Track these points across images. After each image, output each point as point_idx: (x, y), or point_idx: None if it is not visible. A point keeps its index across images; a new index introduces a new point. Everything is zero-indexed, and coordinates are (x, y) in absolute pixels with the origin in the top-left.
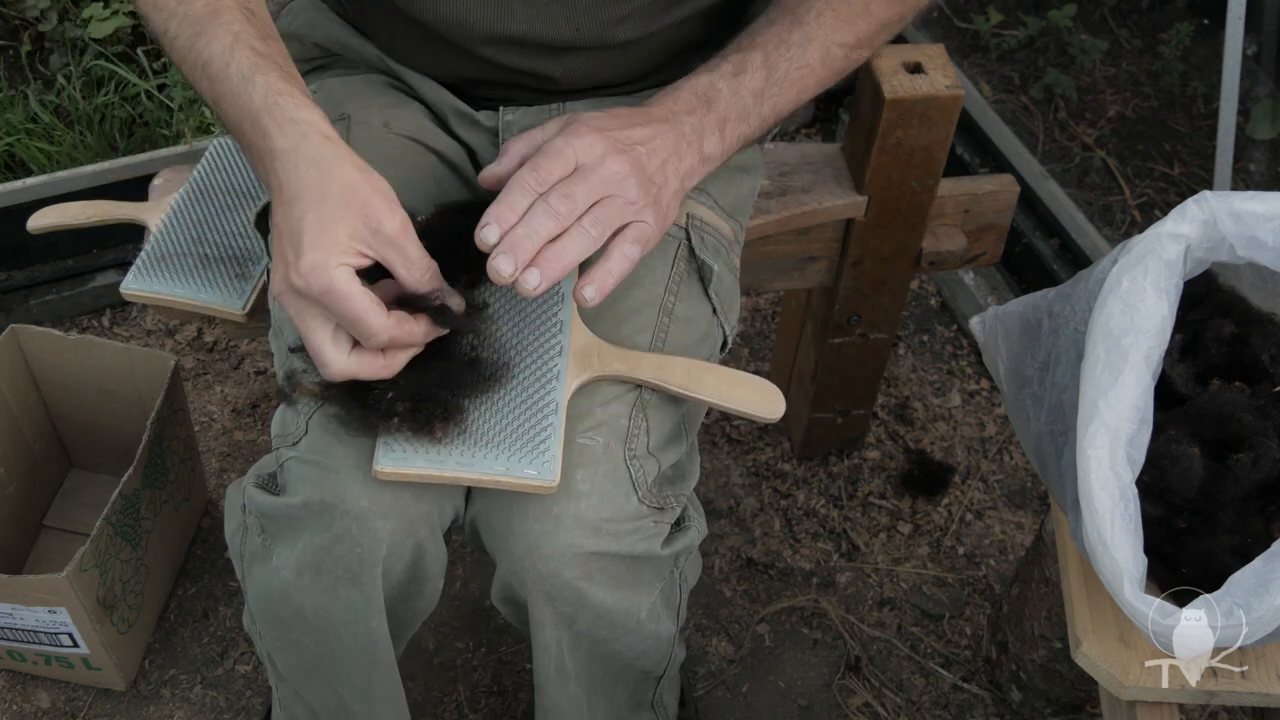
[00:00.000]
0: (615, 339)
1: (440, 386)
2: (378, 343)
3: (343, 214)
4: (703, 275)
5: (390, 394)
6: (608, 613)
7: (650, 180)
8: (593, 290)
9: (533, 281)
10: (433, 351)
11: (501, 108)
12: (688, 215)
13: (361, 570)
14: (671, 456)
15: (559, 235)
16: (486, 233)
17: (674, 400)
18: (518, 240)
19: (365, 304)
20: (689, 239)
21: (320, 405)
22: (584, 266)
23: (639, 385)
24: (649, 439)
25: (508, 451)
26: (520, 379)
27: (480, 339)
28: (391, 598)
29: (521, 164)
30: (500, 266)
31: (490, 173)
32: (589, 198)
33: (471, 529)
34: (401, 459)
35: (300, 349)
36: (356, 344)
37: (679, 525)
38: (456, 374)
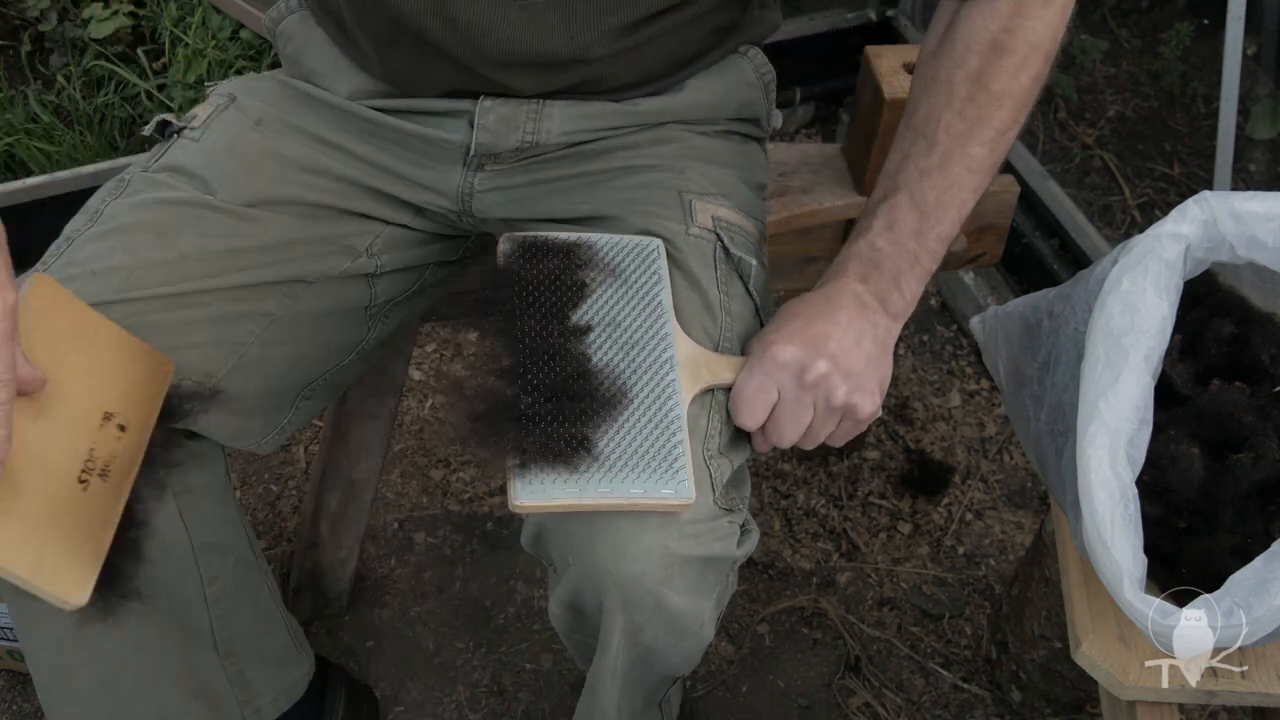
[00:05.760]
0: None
1: (566, 420)
2: None
3: None
4: (741, 272)
5: (520, 433)
6: (679, 618)
7: (850, 367)
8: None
9: None
10: (551, 388)
11: (482, 97)
12: (713, 217)
13: None
14: (738, 458)
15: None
16: None
17: None
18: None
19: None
20: (720, 240)
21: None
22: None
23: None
24: (720, 439)
25: (644, 474)
26: (639, 399)
27: (590, 365)
28: None
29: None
30: None
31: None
32: (813, 442)
33: (535, 534)
34: (540, 491)
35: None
36: None
37: (742, 529)
38: (579, 406)
